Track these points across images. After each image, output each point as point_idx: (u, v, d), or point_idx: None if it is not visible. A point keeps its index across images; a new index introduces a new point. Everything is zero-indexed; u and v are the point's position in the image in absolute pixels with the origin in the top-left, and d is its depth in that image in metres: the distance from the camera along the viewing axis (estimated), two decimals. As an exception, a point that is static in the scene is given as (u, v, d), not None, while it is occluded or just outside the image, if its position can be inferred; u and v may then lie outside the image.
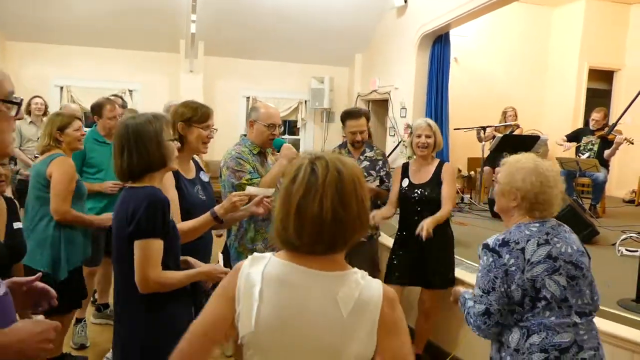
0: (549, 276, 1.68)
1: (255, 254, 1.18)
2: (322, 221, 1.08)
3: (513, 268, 1.67)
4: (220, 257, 2.07)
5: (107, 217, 2.80)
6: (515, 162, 1.80)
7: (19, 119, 2.49)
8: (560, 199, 1.78)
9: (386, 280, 3.09)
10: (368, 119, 3.41)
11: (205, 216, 2.14)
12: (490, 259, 1.70)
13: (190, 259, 2.00)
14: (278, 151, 2.68)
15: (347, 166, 1.13)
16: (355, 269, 1.17)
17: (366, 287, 1.13)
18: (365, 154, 3.40)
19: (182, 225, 2.09)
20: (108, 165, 3.20)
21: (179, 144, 2.02)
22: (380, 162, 3.43)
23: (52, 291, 1.36)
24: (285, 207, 1.11)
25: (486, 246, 1.74)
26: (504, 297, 1.70)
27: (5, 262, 1.96)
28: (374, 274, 2.99)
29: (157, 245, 1.72)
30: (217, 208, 2.16)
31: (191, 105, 2.34)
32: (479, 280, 1.74)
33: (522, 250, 1.68)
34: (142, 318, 1.78)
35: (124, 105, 4.61)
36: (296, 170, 1.13)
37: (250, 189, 2.34)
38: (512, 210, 1.79)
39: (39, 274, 1.33)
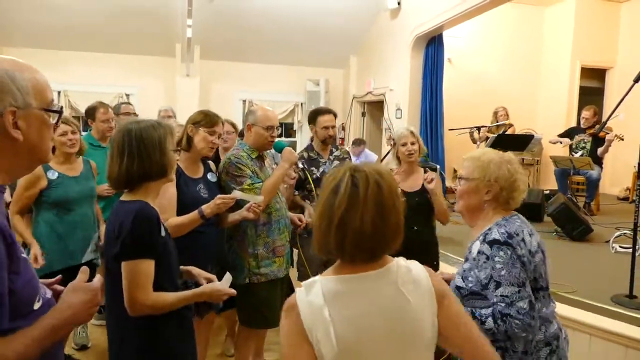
0: (542, 265, 1.68)
1: (303, 282, 1.18)
2: (362, 234, 1.10)
3: (525, 259, 1.61)
4: (228, 276, 1.90)
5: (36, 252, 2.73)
6: (480, 156, 1.75)
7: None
8: None
9: None
10: (335, 117, 3.45)
11: (193, 214, 2.26)
12: (509, 252, 1.60)
13: (194, 269, 1.91)
14: (280, 152, 2.72)
15: (385, 179, 1.15)
16: (395, 258, 1.21)
17: (412, 268, 1.19)
18: (333, 154, 3.41)
19: (170, 221, 2.15)
20: (103, 168, 3.20)
21: (178, 157, 2.10)
22: (347, 160, 3.48)
23: None
24: (327, 219, 1.13)
25: (497, 242, 1.62)
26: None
27: None
28: None
29: (145, 266, 1.60)
30: (204, 207, 2.28)
31: (203, 112, 2.53)
32: (508, 277, 1.57)
33: (523, 241, 1.64)
34: (134, 342, 1.67)
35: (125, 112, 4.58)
36: (337, 182, 1.14)
37: (236, 194, 2.41)
38: (485, 205, 1.73)
39: (59, 276, 1.33)
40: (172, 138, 1.76)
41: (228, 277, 1.87)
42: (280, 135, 8.79)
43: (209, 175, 2.55)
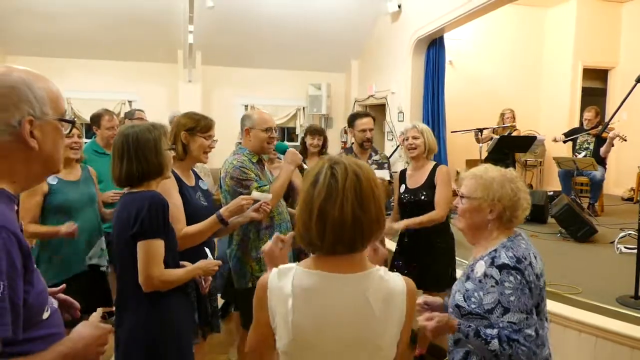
0: (545, 288, 1.66)
1: (280, 266, 1.22)
2: (342, 224, 1.13)
3: (532, 285, 1.59)
4: (207, 251, 2.16)
5: (71, 227, 2.60)
6: (483, 174, 1.70)
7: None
8: None
9: None
10: (374, 120, 3.57)
11: (212, 219, 2.24)
12: (519, 277, 1.56)
13: (187, 264, 2.04)
14: (282, 154, 2.73)
15: (363, 169, 1.19)
16: (377, 266, 1.23)
17: (391, 282, 1.20)
18: (372, 158, 3.50)
19: (189, 229, 2.14)
20: (108, 175, 3.17)
21: (174, 153, 2.12)
22: (386, 165, 3.59)
23: (75, 303, 1.38)
24: (308, 210, 1.16)
25: (506, 266, 1.58)
26: None
27: None
28: None
29: (159, 245, 1.80)
30: (222, 210, 2.27)
31: (194, 116, 2.43)
32: (517, 304, 1.55)
33: (531, 264, 1.61)
34: (143, 318, 1.84)
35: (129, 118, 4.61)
36: (316, 175, 1.18)
37: (255, 194, 2.41)
38: (488, 224, 1.69)
39: (63, 285, 1.35)
40: (166, 138, 1.96)
41: (208, 252, 2.13)
42: (282, 140, 8.82)
43: (200, 183, 2.50)
